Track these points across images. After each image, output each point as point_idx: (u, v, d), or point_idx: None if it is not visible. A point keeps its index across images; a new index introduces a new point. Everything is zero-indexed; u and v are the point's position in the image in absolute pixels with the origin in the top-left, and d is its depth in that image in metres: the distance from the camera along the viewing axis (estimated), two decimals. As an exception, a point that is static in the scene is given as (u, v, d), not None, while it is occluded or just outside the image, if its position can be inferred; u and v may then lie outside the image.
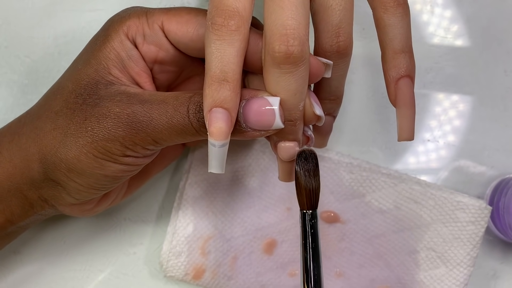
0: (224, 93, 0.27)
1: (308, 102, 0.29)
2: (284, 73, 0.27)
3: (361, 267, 0.39)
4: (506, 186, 0.39)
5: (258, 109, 0.28)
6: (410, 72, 0.30)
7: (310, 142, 0.32)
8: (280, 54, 0.27)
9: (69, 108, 0.31)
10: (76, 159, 0.30)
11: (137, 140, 0.30)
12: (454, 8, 0.43)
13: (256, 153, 0.40)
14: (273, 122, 0.28)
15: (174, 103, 0.29)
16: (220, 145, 0.28)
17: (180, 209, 0.40)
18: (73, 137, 0.30)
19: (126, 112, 0.29)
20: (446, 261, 0.39)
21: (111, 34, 0.31)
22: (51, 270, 0.41)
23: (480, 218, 0.38)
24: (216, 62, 0.27)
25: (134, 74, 0.32)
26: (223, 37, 0.27)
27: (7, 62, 0.42)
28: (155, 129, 0.29)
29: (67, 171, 0.31)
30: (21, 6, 0.43)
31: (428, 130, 0.42)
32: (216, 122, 0.27)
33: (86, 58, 0.32)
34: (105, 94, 0.30)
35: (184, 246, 0.40)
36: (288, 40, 0.26)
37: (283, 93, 0.28)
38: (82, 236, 0.41)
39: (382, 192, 0.39)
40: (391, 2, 0.29)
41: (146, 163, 0.32)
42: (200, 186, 0.40)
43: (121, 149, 0.30)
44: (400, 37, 0.30)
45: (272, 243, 0.40)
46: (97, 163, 0.30)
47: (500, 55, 0.43)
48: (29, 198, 0.33)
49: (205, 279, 0.40)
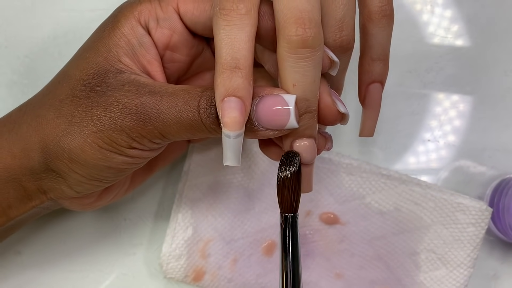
0: (236, 81, 0.26)
1: (331, 99, 0.28)
2: (302, 58, 0.26)
3: (361, 268, 0.39)
4: (506, 186, 0.39)
5: (272, 108, 0.27)
6: (382, 78, 0.32)
7: (329, 143, 0.31)
8: (297, 38, 0.26)
9: (75, 96, 0.30)
10: (80, 149, 0.29)
11: (144, 132, 0.28)
12: (454, 8, 0.43)
13: (256, 155, 0.40)
14: (287, 121, 0.27)
15: (184, 97, 0.28)
16: (235, 136, 0.26)
17: (179, 212, 0.40)
18: (77, 126, 0.29)
19: (134, 103, 0.28)
20: (446, 262, 0.39)
21: (121, 20, 0.30)
22: (51, 270, 0.41)
23: (481, 220, 0.38)
24: (227, 48, 0.26)
25: (146, 62, 0.31)
26: (233, 22, 0.26)
27: (7, 62, 0.42)
28: (163, 122, 0.28)
29: (69, 161, 0.30)
30: (21, 6, 0.43)
31: (428, 130, 0.42)
32: (230, 111, 0.26)
33: (95, 45, 0.31)
34: (114, 83, 0.29)
35: (184, 249, 0.39)
36: (304, 23, 0.26)
37: (302, 80, 0.27)
38: (82, 236, 0.41)
39: (382, 193, 0.39)
40: (377, 14, 0.30)
41: (151, 156, 0.31)
42: (199, 189, 0.40)
43: (127, 140, 0.29)
44: (378, 46, 0.31)
45: (272, 245, 0.40)
46: (101, 154, 0.29)
47: (500, 55, 0.43)
48: (27, 189, 0.32)
49: (205, 281, 0.40)
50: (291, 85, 0.27)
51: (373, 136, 0.34)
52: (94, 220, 0.42)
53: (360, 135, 0.34)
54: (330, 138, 0.31)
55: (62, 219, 0.41)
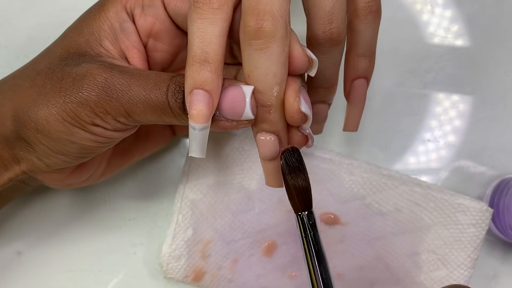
0: (205, 74, 0.26)
1: (294, 96, 0.28)
2: (255, 49, 0.26)
3: (361, 269, 0.39)
4: (506, 186, 0.39)
5: (231, 98, 0.27)
6: (367, 74, 0.33)
7: (310, 141, 0.30)
8: (250, 28, 0.26)
9: (50, 68, 0.30)
10: (44, 119, 0.29)
11: (109, 108, 0.29)
12: (455, 8, 0.43)
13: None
14: (243, 111, 0.27)
15: (155, 79, 0.28)
16: (201, 128, 0.27)
17: (179, 213, 0.40)
18: (46, 96, 0.29)
19: (104, 76, 0.28)
20: (446, 263, 0.39)
21: (107, 4, 0.31)
22: (51, 270, 0.41)
23: (481, 221, 0.38)
24: (198, 42, 0.26)
25: (124, 47, 0.31)
26: (204, 15, 0.26)
27: (7, 62, 0.42)
28: (130, 100, 0.28)
29: (35, 131, 0.30)
30: (21, 6, 0.43)
31: (428, 130, 0.42)
32: (197, 104, 0.26)
33: (79, 26, 0.31)
34: (89, 60, 0.30)
35: (184, 250, 0.39)
36: (259, 14, 0.26)
37: (254, 72, 0.27)
38: (82, 236, 0.41)
39: (382, 194, 0.39)
40: (363, 10, 0.30)
41: (118, 138, 0.31)
42: (199, 190, 0.40)
43: (90, 115, 0.29)
44: (364, 42, 0.31)
45: (272, 245, 0.40)
46: (64, 127, 0.29)
47: (500, 55, 0.43)
48: (2, 157, 0.32)
49: (205, 282, 0.40)
50: (246, 75, 0.27)
51: (357, 131, 0.35)
52: (94, 220, 0.42)
53: (344, 129, 0.35)
54: (310, 136, 0.30)
55: (62, 219, 0.41)
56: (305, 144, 0.30)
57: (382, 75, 0.43)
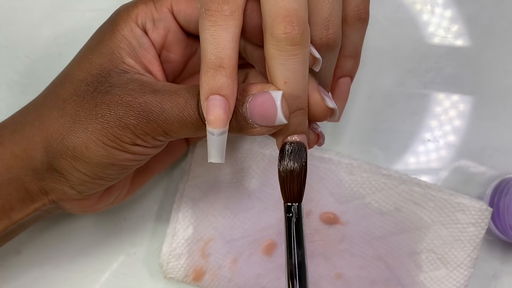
0: (220, 80, 0.27)
1: (320, 95, 0.29)
2: (291, 55, 0.27)
3: (361, 268, 0.39)
4: (506, 186, 0.39)
5: (262, 104, 0.27)
6: (351, 73, 0.34)
7: (321, 139, 0.31)
8: (286, 35, 0.26)
9: (78, 95, 0.30)
10: (84, 146, 0.29)
11: (148, 130, 0.29)
12: (455, 8, 0.43)
13: (256, 155, 0.40)
14: (276, 116, 0.27)
15: (185, 95, 0.29)
16: (219, 133, 0.27)
17: (180, 211, 0.40)
18: (82, 124, 0.29)
19: (138, 101, 0.29)
20: (446, 262, 0.39)
21: (120, 23, 0.31)
22: (51, 270, 0.41)
23: (481, 220, 0.38)
24: (211, 48, 0.27)
25: (147, 62, 0.32)
26: (217, 22, 0.27)
27: (7, 62, 0.42)
28: (166, 120, 0.29)
29: (72, 159, 0.30)
30: (21, 6, 0.43)
31: (428, 130, 0.42)
32: (214, 109, 0.27)
33: (97, 48, 0.31)
34: (118, 82, 0.30)
35: (184, 249, 0.40)
36: (292, 21, 0.26)
37: (292, 77, 0.27)
38: (82, 236, 0.41)
39: (382, 193, 0.39)
40: (352, 18, 0.31)
41: (154, 153, 0.32)
42: (200, 188, 0.40)
43: (131, 137, 0.29)
44: (351, 45, 0.32)
45: (272, 244, 0.40)
46: (105, 151, 0.30)
47: (500, 55, 0.43)
48: (29, 191, 0.32)
49: (205, 281, 0.40)
50: (282, 82, 0.27)
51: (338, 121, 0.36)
52: (94, 220, 0.42)
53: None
54: (321, 134, 0.31)
55: (62, 219, 0.41)
56: (317, 142, 0.31)
57: (382, 75, 0.43)
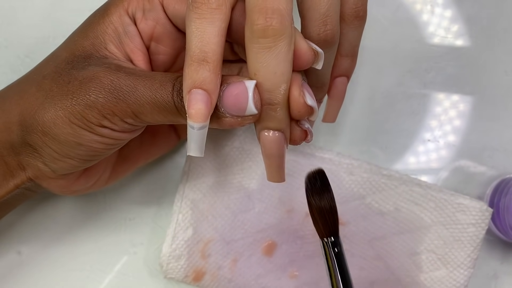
0: (203, 74, 0.26)
1: (298, 91, 0.28)
2: (262, 48, 0.26)
3: (362, 269, 0.39)
4: (506, 186, 0.39)
5: (234, 93, 0.27)
6: (348, 73, 0.34)
7: (309, 136, 0.30)
8: (258, 26, 0.26)
9: (56, 72, 0.31)
10: (52, 122, 0.30)
11: (116, 110, 0.29)
12: (455, 8, 0.43)
13: (256, 155, 0.40)
14: (246, 106, 0.27)
15: (160, 79, 0.29)
16: (199, 128, 0.27)
17: (179, 212, 0.40)
18: (53, 99, 0.30)
19: (110, 78, 0.29)
20: (446, 263, 0.39)
21: (111, 9, 0.31)
22: (51, 270, 0.41)
23: (481, 220, 0.38)
24: (196, 41, 0.27)
25: (129, 50, 0.32)
26: (203, 15, 0.27)
27: (7, 62, 0.42)
28: (137, 101, 0.28)
29: (42, 134, 0.30)
30: (21, 6, 0.43)
31: (429, 130, 0.42)
32: (196, 103, 0.26)
33: (84, 30, 0.32)
34: (95, 63, 0.30)
35: (184, 250, 0.39)
36: (267, 12, 0.26)
37: (262, 71, 0.27)
38: (82, 236, 0.41)
39: (382, 194, 0.39)
40: (350, 16, 0.31)
41: (125, 139, 0.31)
42: (199, 189, 0.40)
43: (98, 117, 0.29)
44: (348, 44, 0.32)
45: (272, 245, 0.40)
46: (72, 130, 0.29)
47: (500, 55, 0.43)
48: (9, 164, 0.32)
49: (205, 281, 0.40)
50: (252, 74, 0.27)
51: (335, 122, 0.37)
52: (95, 219, 0.42)
53: (323, 120, 0.37)
54: (309, 131, 0.30)
55: (63, 219, 0.41)
56: (305, 139, 0.30)
57: (382, 75, 0.43)
